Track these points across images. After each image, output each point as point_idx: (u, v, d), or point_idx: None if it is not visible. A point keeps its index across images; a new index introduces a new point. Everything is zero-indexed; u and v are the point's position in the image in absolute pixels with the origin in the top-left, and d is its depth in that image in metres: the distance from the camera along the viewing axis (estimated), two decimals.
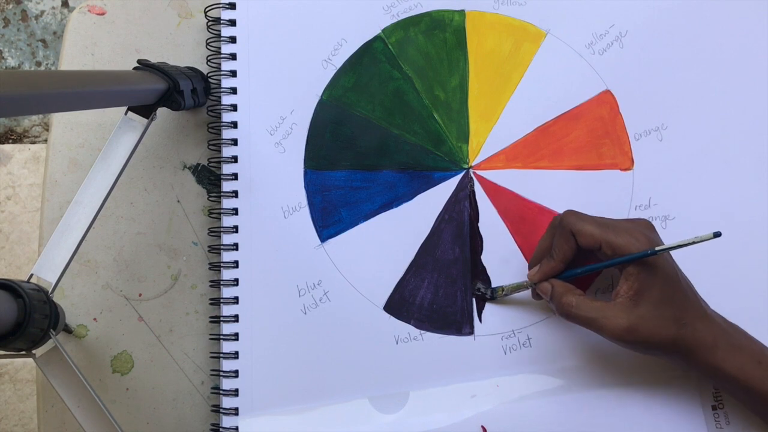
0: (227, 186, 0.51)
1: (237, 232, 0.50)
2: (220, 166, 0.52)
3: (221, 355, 0.49)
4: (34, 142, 1.31)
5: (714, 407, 0.47)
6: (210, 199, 0.52)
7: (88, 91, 0.39)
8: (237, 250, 0.50)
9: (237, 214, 0.51)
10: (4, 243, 1.22)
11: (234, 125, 0.52)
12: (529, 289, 0.48)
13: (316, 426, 0.48)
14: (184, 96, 0.47)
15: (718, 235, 0.39)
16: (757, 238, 0.50)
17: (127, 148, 0.46)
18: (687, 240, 0.41)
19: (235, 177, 0.51)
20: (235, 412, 0.48)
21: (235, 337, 0.49)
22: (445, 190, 0.52)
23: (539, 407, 0.48)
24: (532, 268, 0.48)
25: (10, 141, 1.31)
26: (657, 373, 0.48)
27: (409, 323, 0.50)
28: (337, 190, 0.51)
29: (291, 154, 0.52)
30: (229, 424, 0.48)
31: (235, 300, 0.49)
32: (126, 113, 0.46)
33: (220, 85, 0.52)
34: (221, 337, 0.49)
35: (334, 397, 0.49)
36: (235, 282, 0.50)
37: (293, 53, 0.53)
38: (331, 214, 0.51)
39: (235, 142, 0.52)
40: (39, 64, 1.35)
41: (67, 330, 0.50)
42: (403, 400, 0.48)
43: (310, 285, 0.50)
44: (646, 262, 0.42)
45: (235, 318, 0.49)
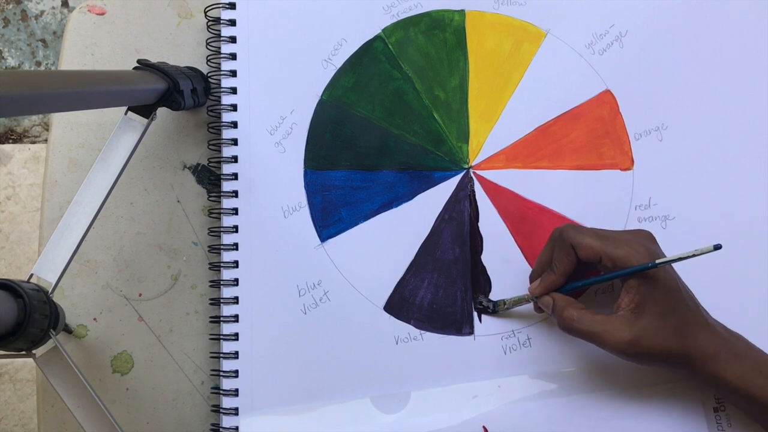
0: (227, 186, 0.51)
1: (237, 232, 0.50)
2: (220, 166, 0.52)
3: (221, 355, 0.49)
4: (34, 142, 1.31)
5: (716, 409, 0.47)
6: (210, 199, 0.52)
7: (88, 91, 0.39)
8: (237, 250, 0.50)
9: (237, 214, 0.51)
10: (4, 243, 1.22)
11: (234, 125, 0.52)
12: (530, 302, 0.48)
13: (316, 426, 0.48)
14: (184, 96, 0.47)
15: (718, 247, 0.40)
16: (757, 238, 0.50)
17: (127, 148, 0.46)
18: (687, 253, 0.41)
19: (235, 177, 0.51)
20: (235, 412, 0.48)
21: (235, 337, 0.49)
22: (445, 190, 0.52)
23: (540, 408, 0.48)
24: (533, 281, 0.48)
25: (10, 141, 1.31)
26: (659, 375, 0.47)
27: (409, 323, 0.50)
28: (337, 190, 0.51)
29: (291, 154, 0.52)
30: (229, 424, 0.48)
31: (235, 300, 0.49)
32: (126, 113, 0.46)
33: (220, 85, 0.52)
34: (221, 337, 0.49)
35: (334, 397, 0.49)
36: (235, 282, 0.50)
37: (293, 53, 0.53)
38: (331, 214, 0.51)
39: (235, 142, 0.52)
40: (39, 64, 1.35)
41: (67, 330, 0.50)
42: (404, 400, 0.48)
43: (310, 285, 0.50)
44: (646, 274, 0.42)
45: (235, 318, 0.49)
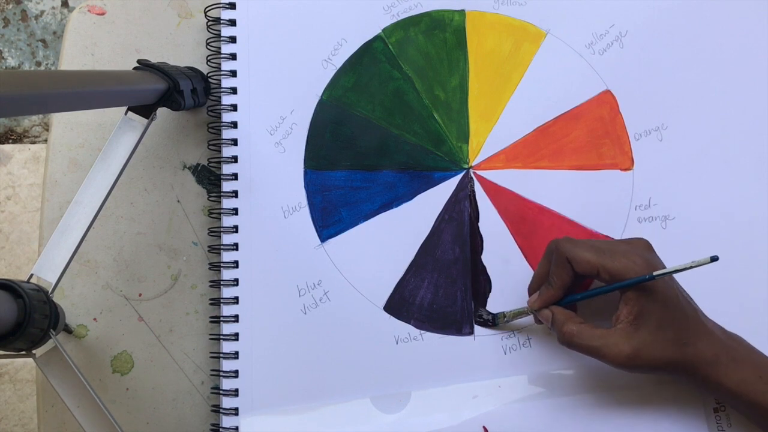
0: (227, 186, 0.51)
1: (237, 232, 0.50)
2: (220, 166, 0.52)
3: (221, 355, 0.49)
4: (34, 142, 1.31)
5: (716, 410, 0.47)
6: (210, 199, 0.52)
7: (88, 91, 0.39)
8: (237, 250, 0.50)
9: (237, 214, 0.51)
10: (4, 243, 1.22)
11: (234, 125, 0.52)
12: (530, 315, 0.48)
13: (316, 426, 0.48)
14: (184, 96, 0.47)
15: (715, 259, 0.40)
16: (757, 239, 0.50)
17: (127, 148, 0.46)
18: (684, 264, 0.41)
19: (235, 177, 0.51)
20: (235, 412, 0.48)
21: (235, 337, 0.49)
22: (445, 190, 0.52)
23: (540, 408, 0.48)
24: (531, 293, 0.48)
25: (10, 141, 1.31)
26: (659, 376, 0.47)
27: (409, 323, 0.50)
28: (337, 190, 0.51)
29: (291, 154, 0.52)
30: (229, 424, 0.48)
31: (235, 300, 0.49)
32: (126, 113, 0.46)
33: (220, 85, 0.52)
34: (221, 337, 0.49)
35: (334, 397, 0.49)
36: (235, 282, 0.50)
37: (293, 53, 0.53)
38: (331, 214, 0.51)
39: (235, 142, 0.52)
40: (39, 64, 1.35)
41: (67, 330, 0.50)
42: (404, 400, 0.48)
43: (310, 285, 0.50)
44: (644, 286, 0.42)
45: (235, 318, 0.49)
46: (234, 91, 0.52)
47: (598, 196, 0.51)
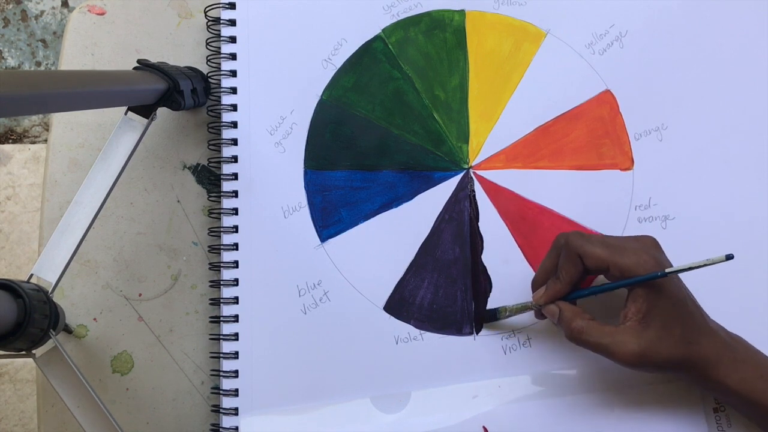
0: (227, 186, 0.51)
1: (237, 232, 0.50)
2: (220, 166, 0.52)
3: (221, 355, 0.49)
4: (34, 142, 1.31)
5: (716, 410, 0.47)
6: (210, 199, 0.52)
7: (88, 91, 0.39)
8: (237, 250, 0.50)
9: (237, 214, 0.51)
10: (4, 243, 1.22)
11: (234, 125, 0.52)
12: (533, 310, 0.48)
13: (316, 426, 0.48)
14: (184, 96, 0.47)
15: (730, 257, 0.39)
16: (757, 239, 0.50)
17: (127, 148, 0.46)
18: (699, 262, 0.41)
19: (235, 177, 0.51)
20: (235, 412, 0.48)
21: (235, 337, 0.49)
22: (445, 190, 0.52)
23: (540, 408, 0.48)
24: (535, 288, 0.47)
25: (10, 141, 1.31)
26: (659, 376, 0.47)
27: (409, 323, 0.50)
28: (337, 190, 0.51)
29: (291, 154, 0.52)
30: (229, 424, 0.48)
31: (235, 300, 0.49)
32: (126, 113, 0.46)
33: (220, 85, 0.52)
34: (221, 337, 0.49)
35: (334, 397, 0.48)
36: (235, 282, 0.50)
37: (293, 53, 0.53)
38: (331, 214, 0.51)
39: (235, 142, 0.52)
40: (39, 64, 1.35)
41: (67, 330, 0.50)
42: (404, 400, 0.48)
43: (310, 285, 0.50)
44: (653, 283, 0.42)
45: (235, 318, 0.49)
46: (234, 91, 0.52)
47: (598, 196, 0.51)
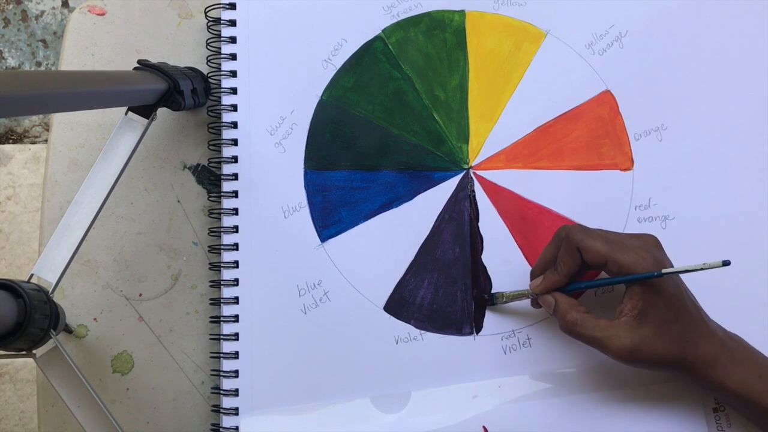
0: (227, 186, 0.51)
1: (237, 232, 0.50)
2: (220, 166, 0.52)
3: (221, 355, 0.49)
4: (34, 142, 1.31)
5: (715, 410, 0.47)
6: (210, 199, 0.52)
7: (88, 91, 0.39)
8: (237, 250, 0.50)
9: (237, 214, 0.51)
10: (4, 243, 1.22)
11: (234, 125, 0.52)
12: (529, 298, 0.48)
13: (316, 426, 0.48)
14: (184, 96, 0.47)
15: (727, 263, 0.39)
16: (757, 239, 0.50)
17: (127, 148, 0.46)
18: (695, 265, 0.41)
19: (235, 177, 0.51)
20: (235, 412, 0.48)
21: (235, 337, 0.49)
22: (445, 190, 0.52)
23: (540, 408, 0.48)
24: (534, 277, 0.47)
25: (10, 141, 1.31)
26: (659, 375, 0.47)
27: (409, 323, 0.50)
28: (337, 190, 0.51)
29: (291, 154, 0.52)
30: (229, 424, 0.48)
31: (235, 300, 0.49)
32: (126, 113, 0.46)
33: (220, 85, 0.52)
34: (221, 337, 0.49)
35: (334, 397, 0.49)
36: (235, 282, 0.50)
37: (293, 53, 0.53)
38: (331, 214, 0.51)
39: (235, 142, 0.52)
40: (39, 64, 1.35)
41: (67, 330, 0.50)
42: (404, 400, 0.48)
43: (310, 285, 0.50)
44: (651, 282, 0.42)
45: (235, 318, 0.49)
46: (234, 91, 0.52)
47: (598, 196, 0.51)
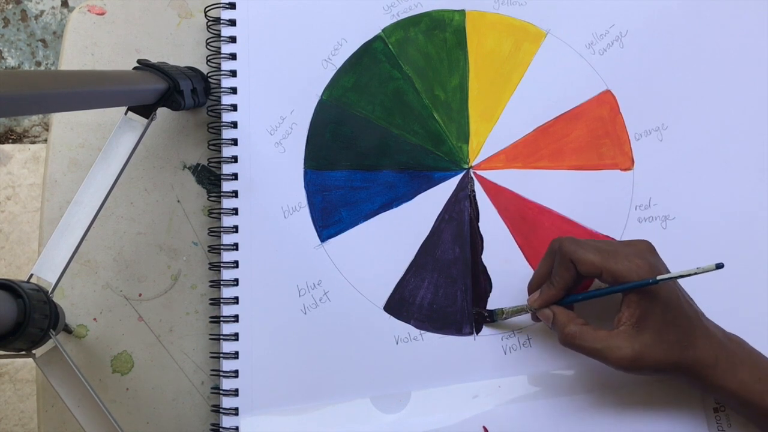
0: (227, 186, 0.51)
1: (237, 232, 0.50)
2: (220, 166, 0.52)
3: (221, 355, 0.49)
4: (34, 142, 1.31)
5: (715, 410, 0.47)
6: (210, 199, 0.52)
7: (88, 91, 0.39)
8: (237, 250, 0.50)
9: (237, 214, 0.51)
10: (4, 243, 1.22)
11: (234, 125, 0.52)
12: (529, 312, 0.48)
13: (316, 426, 0.48)
14: (184, 96, 0.47)
15: (720, 266, 0.40)
16: (757, 239, 0.50)
17: (127, 148, 0.46)
18: (689, 270, 0.41)
19: (235, 177, 0.51)
20: (235, 412, 0.48)
21: (235, 337, 0.49)
22: (446, 190, 0.52)
23: (540, 408, 0.48)
24: (531, 292, 0.47)
25: (10, 141, 1.31)
26: (660, 377, 0.47)
27: (409, 323, 0.50)
28: (337, 190, 0.51)
29: (291, 154, 0.52)
30: (229, 424, 0.48)
31: (235, 300, 0.49)
32: (126, 113, 0.46)
33: (220, 85, 0.52)
34: (221, 337, 0.49)
35: (334, 397, 0.49)
36: (235, 282, 0.50)
37: (293, 53, 0.53)
38: (331, 214, 0.51)
39: (235, 142, 0.52)
40: (39, 64, 1.35)
41: (67, 330, 0.50)
42: (404, 400, 0.48)
43: (310, 285, 0.50)
44: (647, 289, 0.42)
45: (235, 318, 0.49)
46: (234, 91, 0.52)
47: (598, 196, 0.51)
